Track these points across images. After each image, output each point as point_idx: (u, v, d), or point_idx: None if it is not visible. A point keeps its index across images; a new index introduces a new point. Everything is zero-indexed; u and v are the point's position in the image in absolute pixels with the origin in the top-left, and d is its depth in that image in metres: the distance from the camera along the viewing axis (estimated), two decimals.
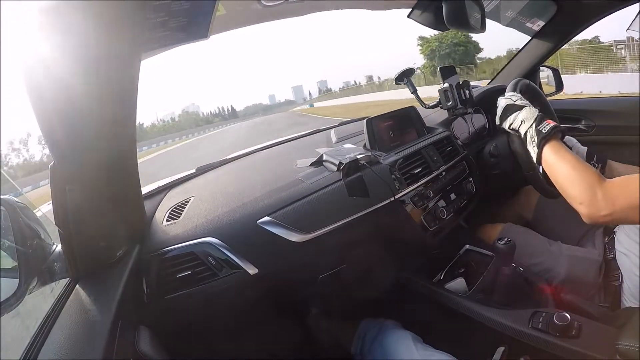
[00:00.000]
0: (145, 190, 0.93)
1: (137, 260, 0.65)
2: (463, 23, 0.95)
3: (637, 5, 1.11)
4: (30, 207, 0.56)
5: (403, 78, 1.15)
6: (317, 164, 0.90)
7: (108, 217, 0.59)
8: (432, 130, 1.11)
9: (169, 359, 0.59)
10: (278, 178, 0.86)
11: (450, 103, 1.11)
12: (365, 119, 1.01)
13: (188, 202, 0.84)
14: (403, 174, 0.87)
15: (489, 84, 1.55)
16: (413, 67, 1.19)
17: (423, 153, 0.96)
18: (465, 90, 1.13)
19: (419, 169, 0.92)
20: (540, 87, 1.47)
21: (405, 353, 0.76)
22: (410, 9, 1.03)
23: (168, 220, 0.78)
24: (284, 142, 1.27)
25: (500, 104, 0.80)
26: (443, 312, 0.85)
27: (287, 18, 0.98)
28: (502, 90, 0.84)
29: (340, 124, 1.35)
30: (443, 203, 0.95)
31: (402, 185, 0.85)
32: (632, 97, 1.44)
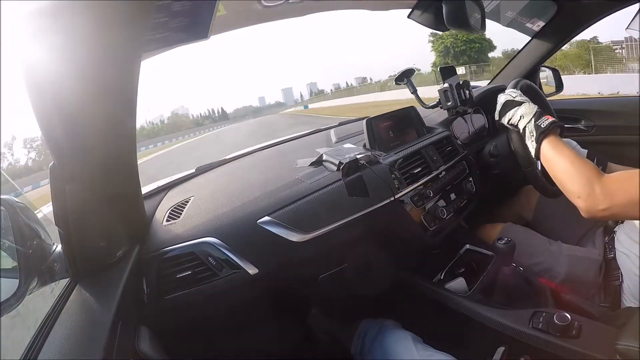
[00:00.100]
0: (145, 190, 0.93)
1: (137, 260, 0.65)
2: (463, 23, 0.95)
3: (637, 6, 1.11)
4: (31, 207, 0.56)
5: (403, 78, 1.16)
6: (317, 164, 0.90)
7: (108, 217, 0.59)
8: (432, 130, 1.11)
9: (169, 359, 0.59)
10: (278, 178, 0.86)
11: (450, 103, 1.11)
12: (365, 119, 1.01)
13: (188, 202, 0.84)
14: (403, 174, 0.87)
15: (489, 84, 1.56)
16: (413, 67, 1.20)
17: (423, 153, 0.96)
18: (465, 90, 1.14)
19: (419, 169, 0.91)
20: (540, 87, 1.48)
21: (405, 353, 0.76)
22: (410, 9, 1.03)
23: (168, 220, 0.78)
24: (284, 142, 1.28)
25: (500, 100, 0.80)
26: (443, 312, 0.85)
27: (287, 18, 0.98)
28: (502, 90, 0.85)
29: (340, 124, 1.35)
30: (443, 203, 0.95)
31: (402, 185, 0.85)
32: (632, 97, 1.44)
